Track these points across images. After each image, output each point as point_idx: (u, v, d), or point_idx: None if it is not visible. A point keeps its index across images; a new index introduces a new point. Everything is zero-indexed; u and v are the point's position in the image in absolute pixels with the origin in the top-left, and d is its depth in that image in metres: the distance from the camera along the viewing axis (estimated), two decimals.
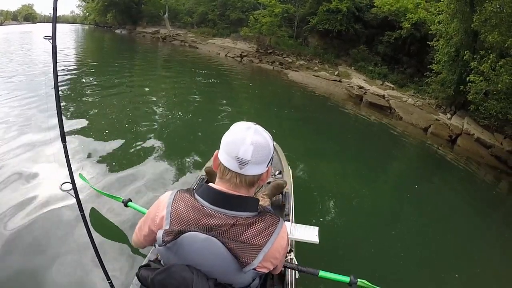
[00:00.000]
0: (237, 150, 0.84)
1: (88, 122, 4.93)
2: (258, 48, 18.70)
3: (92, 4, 31.45)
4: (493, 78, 6.42)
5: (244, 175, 0.87)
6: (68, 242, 2.37)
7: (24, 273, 2.09)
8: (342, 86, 12.88)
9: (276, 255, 0.90)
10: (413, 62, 14.34)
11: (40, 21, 62.91)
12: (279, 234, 0.89)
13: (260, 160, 0.86)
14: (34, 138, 4.05)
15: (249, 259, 0.84)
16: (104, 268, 1.64)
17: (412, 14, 12.59)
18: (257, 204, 0.92)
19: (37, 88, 6.62)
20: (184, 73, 11.56)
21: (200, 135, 5.21)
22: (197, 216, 0.85)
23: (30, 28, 34.11)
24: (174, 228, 0.85)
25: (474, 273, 3.09)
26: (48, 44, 1.45)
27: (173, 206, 0.89)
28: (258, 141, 0.85)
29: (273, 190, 2.13)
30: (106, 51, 17.94)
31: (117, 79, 8.95)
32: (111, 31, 32.61)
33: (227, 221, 0.85)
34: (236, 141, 0.85)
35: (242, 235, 0.84)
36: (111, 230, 2.58)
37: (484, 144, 8.47)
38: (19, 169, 3.28)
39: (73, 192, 1.67)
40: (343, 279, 1.43)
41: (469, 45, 8.63)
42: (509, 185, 6.72)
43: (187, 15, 27.30)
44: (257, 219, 0.88)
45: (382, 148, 6.93)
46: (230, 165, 0.86)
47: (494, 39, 6.16)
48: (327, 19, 16.22)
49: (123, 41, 24.60)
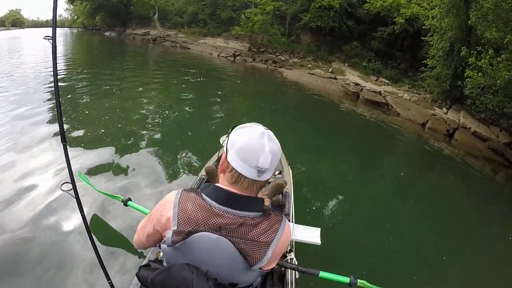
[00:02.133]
0: (257, 160, 0.85)
1: (86, 123, 4.95)
2: (251, 47, 18.55)
3: (80, 7, 30.93)
4: (491, 74, 6.44)
5: (259, 182, 0.90)
6: (68, 242, 2.38)
7: (24, 273, 2.08)
8: (338, 83, 12.83)
9: (281, 252, 0.93)
10: (406, 57, 14.39)
11: (28, 26, 61.75)
12: (284, 231, 0.92)
13: (274, 166, 0.90)
14: (34, 138, 4.08)
15: (259, 257, 0.86)
16: (104, 268, 1.65)
17: (405, 9, 12.62)
18: (263, 204, 0.94)
19: (37, 88, 6.77)
20: (177, 75, 11.38)
21: (199, 135, 5.22)
22: (206, 215, 0.86)
23: (19, 33, 33.52)
24: (183, 228, 0.85)
25: (475, 268, 3.10)
26: (37, 50, 1.39)
27: (180, 206, 0.88)
28: (274, 149, 0.89)
29: (273, 190, 2.12)
30: (96, 55, 17.60)
31: (108, 82, 8.85)
32: (100, 33, 32.16)
33: (235, 221, 0.86)
34: (255, 150, 0.85)
35: (250, 233, 0.86)
36: (111, 230, 2.59)
37: (481, 137, 8.54)
38: (19, 169, 3.29)
39: (73, 192, 1.66)
40: (343, 280, 1.43)
41: (464, 40, 8.68)
42: (507, 177, 6.77)
43: (177, 15, 26.97)
44: (263, 218, 0.90)
45: (381, 146, 6.92)
46: (248, 173, 0.86)
47: (492, 35, 6.17)
48: (319, 16, 16.17)
49: (113, 43, 24.21)
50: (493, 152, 7.90)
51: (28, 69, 9.45)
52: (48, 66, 9.75)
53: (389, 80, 13.38)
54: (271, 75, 14.50)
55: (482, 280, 2.95)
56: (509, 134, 8.40)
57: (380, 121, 8.90)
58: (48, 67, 9.68)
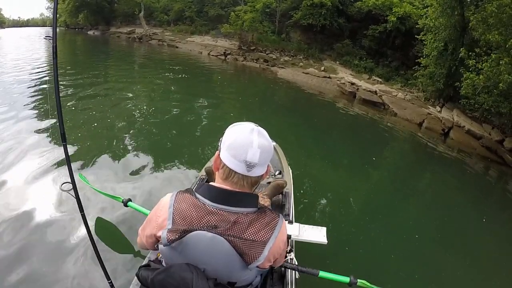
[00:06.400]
0: (245, 154, 0.86)
1: (86, 124, 5.00)
2: (241, 45, 18.32)
3: (63, 5, 29.69)
4: (493, 77, 6.54)
5: (250, 177, 0.90)
6: (68, 242, 2.38)
7: (24, 273, 2.08)
8: (333, 82, 12.82)
9: (278, 250, 0.93)
10: (397, 55, 14.53)
11: (9, 26, 59.27)
12: (281, 229, 0.92)
13: (265, 161, 0.90)
14: (33, 138, 4.13)
15: (256, 255, 0.86)
16: (104, 268, 1.67)
17: (398, 8, 12.70)
18: (257, 200, 0.94)
19: (36, 89, 6.81)
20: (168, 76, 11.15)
21: (199, 136, 5.25)
22: (200, 214, 0.87)
23: None
24: (177, 227, 0.86)
25: (473, 266, 3.15)
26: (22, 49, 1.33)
27: (175, 206, 0.90)
28: (264, 144, 0.88)
29: (273, 190, 2.12)
30: (79, 55, 16.97)
31: (107, 83, 8.87)
32: (83, 32, 31.25)
33: (228, 218, 0.86)
34: (244, 145, 0.86)
35: (246, 232, 0.86)
36: (111, 230, 2.61)
37: (475, 135, 8.70)
38: (19, 169, 3.32)
39: (73, 192, 1.69)
40: (343, 279, 1.44)
41: (458, 39, 8.79)
42: (501, 174, 6.91)
43: (163, 12, 26.44)
44: (258, 216, 0.90)
45: (380, 145, 6.96)
46: (237, 168, 0.87)
47: (494, 38, 6.27)
48: (310, 13, 16.11)
49: (97, 43, 23.48)
50: (487, 149, 8.05)
51: (26, 68, 9.54)
52: (40, 67, 10.10)
53: (381, 79, 13.48)
54: (265, 75, 14.36)
55: (481, 277, 2.99)
56: (500, 132, 8.60)
57: (377, 121, 8.95)
58: (41, 67, 10.02)
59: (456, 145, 8.14)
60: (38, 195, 2.91)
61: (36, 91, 6.73)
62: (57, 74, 1.50)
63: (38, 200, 2.83)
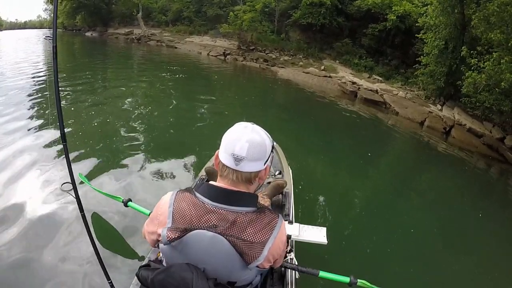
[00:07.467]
0: (233, 147, 0.88)
1: (86, 125, 5.04)
2: (240, 45, 18.30)
3: (60, 6, 29.55)
4: (495, 76, 6.56)
5: (240, 172, 0.89)
6: (68, 242, 2.39)
7: (24, 273, 2.09)
8: (334, 82, 12.80)
9: (277, 250, 0.93)
10: (397, 54, 14.53)
11: (6, 28, 58.97)
12: (280, 229, 0.92)
13: (255, 157, 0.89)
14: (34, 138, 4.14)
15: (255, 255, 0.86)
16: (104, 268, 1.67)
17: (397, 6, 12.70)
18: (256, 199, 0.94)
19: (36, 89, 6.79)
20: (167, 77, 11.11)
21: (199, 136, 5.25)
22: (199, 213, 0.87)
23: None
24: (177, 225, 0.86)
25: (474, 265, 3.14)
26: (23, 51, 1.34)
27: (175, 205, 0.90)
28: (254, 139, 0.89)
29: (273, 190, 2.12)
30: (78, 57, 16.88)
31: (106, 83, 8.91)
32: (81, 34, 31.08)
33: (227, 217, 0.86)
34: (234, 139, 0.89)
35: (245, 232, 0.86)
36: (111, 230, 2.61)
37: (476, 133, 8.72)
38: (19, 169, 3.32)
39: (73, 192, 1.69)
40: (343, 279, 1.43)
41: (458, 38, 8.80)
42: (503, 172, 6.94)
43: (161, 13, 26.38)
44: (257, 216, 0.89)
45: (381, 145, 6.98)
46: (227, 162, 0.89)
47: (497, 37, 6.29)
48: (310, 12, 16.08)
49: (95, 44, 23.29)
50: (488, 147, 8.08)
51: (26, 68, 9.57)
52: (40, 68, 10.15)
53: (381, 78, 13.48)
54: (265, 75, 14.34)
55: (481, 277, 2.99)
56: (501, 130, 8.63)
57: (379, 120, 8.97)
58: (40, 68, 10.06)
59: (457, 143, 8.15)
60: (38, 195, 2.91)
61: (36, 91, 6.73)
62: (57, 74, 1.51)
63: (38, 200, 2.84)
